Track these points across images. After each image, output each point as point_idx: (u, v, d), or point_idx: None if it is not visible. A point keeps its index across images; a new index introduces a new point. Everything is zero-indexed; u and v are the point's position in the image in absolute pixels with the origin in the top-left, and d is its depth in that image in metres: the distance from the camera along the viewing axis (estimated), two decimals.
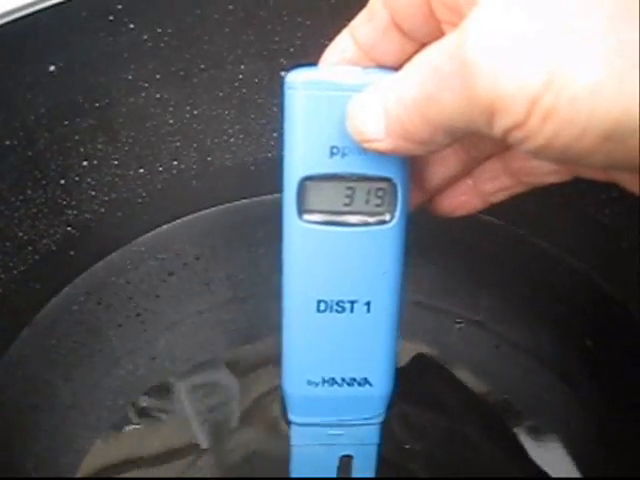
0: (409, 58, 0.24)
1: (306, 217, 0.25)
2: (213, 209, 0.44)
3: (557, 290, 0.41)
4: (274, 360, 0.39)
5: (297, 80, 0.23)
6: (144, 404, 0.39)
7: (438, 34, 0.23)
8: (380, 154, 0.22)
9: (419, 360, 0.40)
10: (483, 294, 0.42)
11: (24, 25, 0.33)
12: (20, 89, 0.35)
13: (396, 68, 0.24)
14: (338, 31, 0.26)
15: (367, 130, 0.22)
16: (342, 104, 0.23)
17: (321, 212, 0.25)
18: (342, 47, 0.25)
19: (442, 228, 0.33)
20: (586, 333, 0.39)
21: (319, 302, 0.26)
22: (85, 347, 0.40)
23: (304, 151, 0.24)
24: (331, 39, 0.26)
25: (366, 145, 0.22)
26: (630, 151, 0.16)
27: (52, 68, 0.35)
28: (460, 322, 0.40)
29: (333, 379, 0.28)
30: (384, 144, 0.22)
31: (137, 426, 0.38)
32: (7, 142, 0.35)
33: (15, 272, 0.37)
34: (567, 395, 0.39)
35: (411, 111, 0.20)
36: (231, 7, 0.37)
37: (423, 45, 0.24)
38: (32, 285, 0.39)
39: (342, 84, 0.23)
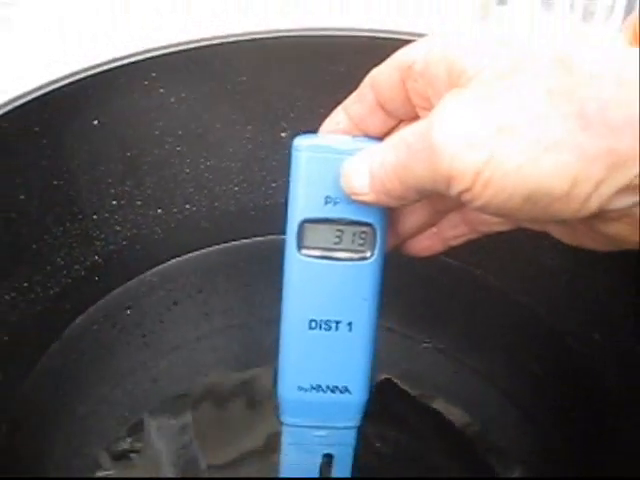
0: (390, 130, 0.30)
1: (304, 252, 0.30)
2: (217, 247, 0.49)
3: (507, 323, 0.46)
4: (265, 384, 0.44)
5: (302, 144, 0.28)
6: (144, 422, 0.43)
7: (413, 114, 0.29)
8: (364, 204, 0.27)
9: (386, 384, 0.44)
10: (445, 325, 0.47)
11: (77, 87, 0.39)
12: (68, 138, 0.40)
13: (380, 138, 0.30)
14: (330, 101, 0.31)
15: (356, 186, 0.27)
16: (336, 164, 0.28)
17: (316, 248, 0.30)
18: (337, 120, 0.30)
19: (414, 269, 0.37)
20: (532, 360, 0.44)
21: (311, 321, 0.30)
22: (100, 364, 0.44)
23: (304, 199, 0.29)
24: (324, 108, 0.31)
25: (354, 197, 0.27)
26: (544, 210, 0.22)
27: (95, 122, 0.41)
28: (427, 343, 0.45)
29: (319, 386, 0.31)
30: (368, 197, 0.27)
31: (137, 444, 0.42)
32: (55, 182, 0.40)
33: (51, 292, 0.42)
34: (516, 415, 0.44)
35: (390, 174, 0.26)
36: (243, 79, 0.44)
37: (401, 121, 0.30)
38: (63, 304, 0.43)
39: (336, 149, 0.28)
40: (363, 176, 0.27)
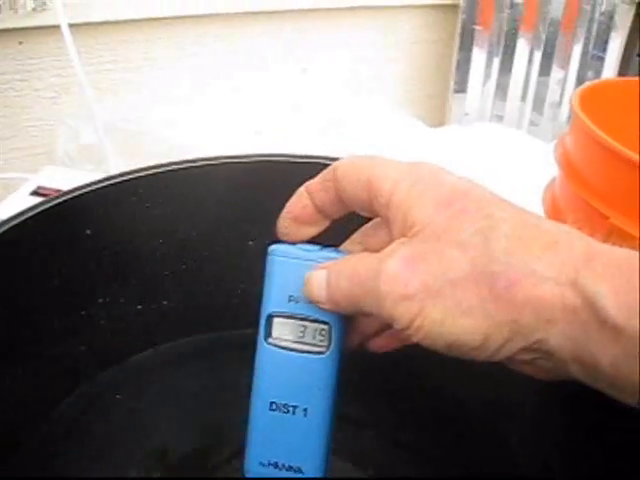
0: (349, 212, 0.33)
1: (270, 341, 0.33)
2: (190, 338, 0.53)
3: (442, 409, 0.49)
4: (230, 458, 0.46)
5: (275, 250, 0.33)
6: None
7: (373, 215, 0.32)
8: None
9: None
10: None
11: (73, 202, 0.45)
12: (63, 246, 0.45)
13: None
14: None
15: (314, 295, 0.31)
16: (301, 269, 0.32)
17: (280, 339, 0.33)
18: (304, 203, 0.33)
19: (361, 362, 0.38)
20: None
21: (271, 403, 0.33)
22: (79, 441, 0.46)
23: (272, 296, 0.33)
24: None
25: (313, 303, 0.31)
26: (465, 353, 0.27)
27: (88, 231, 0.46)
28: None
29: (277, 463, 0.34)
30: (325, 306, 0.31)
31: None
32: (55, 282, 0.45)
33: (40, 379, 0.46)
34: None
35: (344, 298, 0.30)
36: (217, 195, 0.49)
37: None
38: (50, 390, 0.47)
39: (303, 257, 0.32)
40: (321, 289, 0.31)
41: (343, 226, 0.36)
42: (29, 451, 0.45)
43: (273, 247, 0.34)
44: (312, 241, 0.35)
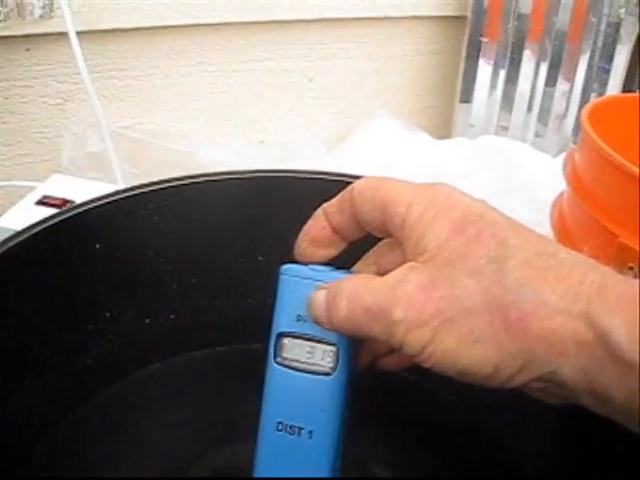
0: (365, 234, 0.33)
1: (278, 360, 0.33)
2: (197, 352, 0.53)
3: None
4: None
5: (286, 270, 0.33)
6: None
7: (387, 236, 0.32)
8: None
9: None
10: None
11: (83, 216, 0.45)
12: (72, 260, 0.45)
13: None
14: (299, 231, 0.34)
15: (316, 315, 0.31)
16: (309, 289, 0.32)
17: (288, 359, 0.33)
18: (321, 225, 0.33)
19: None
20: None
21: (278, 423, 0.33)
22: (85, 453, 0.46)
23: (282, 315, 0.33)
24: (295, 235, 0.34)
25: (317, 323, 0.31)
26: (476, 381, 0.27)
27: (98, 246, 0.46)
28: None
29: None
30: (328, 327, 0.31)
31: None
32: (58, 297, 0.45)
33: (45, 392, 0.45)
34: None
35: (343, 318, 0.29)
36: (226, 210, 0.49)
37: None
38: (55, 403, 0.47)
39: (312, 277, 0.32)
40: (322, 309, 0.30)
41: (359, 248, 0.35)
42: (34, 465, 0.45)
43: (284, 267, 0.33)
44: (329, 263, 0.34)
